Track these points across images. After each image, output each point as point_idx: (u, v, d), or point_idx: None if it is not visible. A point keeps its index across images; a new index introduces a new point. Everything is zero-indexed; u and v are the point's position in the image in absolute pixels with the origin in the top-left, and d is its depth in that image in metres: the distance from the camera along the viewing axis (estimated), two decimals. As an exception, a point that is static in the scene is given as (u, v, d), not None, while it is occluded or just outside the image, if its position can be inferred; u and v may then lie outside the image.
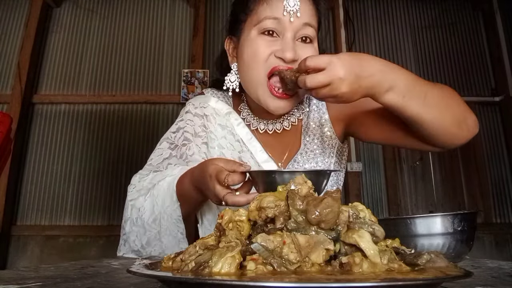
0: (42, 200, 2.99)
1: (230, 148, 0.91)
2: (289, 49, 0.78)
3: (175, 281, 0.38)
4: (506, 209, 3.06)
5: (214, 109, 0.95)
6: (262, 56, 0.80)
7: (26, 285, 0.42)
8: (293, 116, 0.93)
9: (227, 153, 0.91)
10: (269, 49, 0.80)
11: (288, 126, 0.92)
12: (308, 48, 0.82)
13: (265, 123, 0.92)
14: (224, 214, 0.49)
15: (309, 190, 0.50)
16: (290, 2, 0.79)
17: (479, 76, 3.32)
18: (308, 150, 0.92)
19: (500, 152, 3.16)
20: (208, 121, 0.94)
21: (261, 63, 0.80)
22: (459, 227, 0.60)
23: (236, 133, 0.92)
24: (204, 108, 0.96)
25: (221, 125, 0.93)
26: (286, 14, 0.79)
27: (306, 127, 0.94)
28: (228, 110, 0.94)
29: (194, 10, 3.34)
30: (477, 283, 0.43)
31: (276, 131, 0.91)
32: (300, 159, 0.92)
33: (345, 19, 3.26)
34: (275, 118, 0.91)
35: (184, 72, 3.16)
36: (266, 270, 0.38)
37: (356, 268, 0.38)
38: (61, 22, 3.34)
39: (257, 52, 0.80)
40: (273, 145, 0.92)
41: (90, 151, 3.09)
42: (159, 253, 0.85)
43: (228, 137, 0.92)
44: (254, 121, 0.93)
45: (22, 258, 2.87)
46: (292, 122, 0.92)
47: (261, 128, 0.92)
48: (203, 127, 0.95)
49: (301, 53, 0.79)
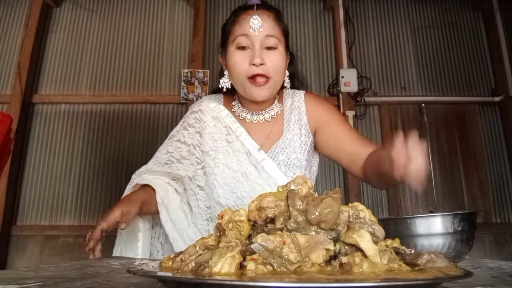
0: (42, 200, 2.98)
1: (218, 132, 1.15)
2: (257, 56, 1.03)
3: (175, 281, 0.38)
4: (506, 209, 3.06)
5: (207, 106, 1.20)
6: (238, 66, 1.05)
7: (26, 285, 0.42)
8: (273, 111, 1.16)
9: (216, 136, 1.15)
10: (244, 60, 1.04)
11: (269, 118, 1.15)
12: (273, 53, 1.05)
13: (251, 114, 1.16)
14: (224, 214, 0.49)
15: (309, 190, 0.50)
16: (255, 21, 1.04)
17: (479, 76, 3.32)
18: (287, 139, 1.13)
19: (500, 152, 3.16)
20: (202, 114, 1.19)
21: (240, 72, 1.05)
22: (459, 227, 0.60)
23: (223, 121, 1.16)
24: (200, 106, 1.22)
25: (212, 116, 1.18)
26: (252, 30, 1.04)
27: (288, 119, 1.16)
28: (218, 106, 1.19)
29: (194, 10, 3.34)
30: (477, 283, 0.43)
31: (259, 121, 1.15)
32: (282, 143, 1.13)
33: (345, 19, 3.25)
34: (259, 110, 1.15)
35: (184, 72, 3.16)
36: (266, 270, 0.38)
37: (356, 268, 0.38)
38: (61, 22, 3.34)
39: (235, 63, 1.06)
40: (257, 131, 1.15)
41: (90, 151, 3.09)
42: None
43: (217, 125, 1.16)
44: (243, 112, 1.17)
45: (22, 258, 2.87)
46: (272, 115, 1.16)
47: (248, 118, 1.16)
48: (196, 120, 1.20)
49: (267, 58, 1.03)
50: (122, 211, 0.99)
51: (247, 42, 1.05)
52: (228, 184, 1.09)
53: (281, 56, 1.07)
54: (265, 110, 1.16)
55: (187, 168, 1.16)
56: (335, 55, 3.28)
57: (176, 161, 1.17)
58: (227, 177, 1.10)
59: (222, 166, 1.11)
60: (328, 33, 3.38)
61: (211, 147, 1.14)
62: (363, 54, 3.33)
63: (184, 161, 1.17)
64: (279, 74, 1.07)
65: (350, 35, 3.29)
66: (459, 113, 3.20)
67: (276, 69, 1.05)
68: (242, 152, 1.11)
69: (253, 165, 1.10)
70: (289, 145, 1.12)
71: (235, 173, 1.10)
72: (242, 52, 1.05)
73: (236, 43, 1.06)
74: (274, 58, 1.05)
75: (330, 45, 3.34)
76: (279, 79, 1.08)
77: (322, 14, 3.43)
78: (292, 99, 1.19)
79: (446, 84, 3.28)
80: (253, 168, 1.09)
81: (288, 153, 1.11)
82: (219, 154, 1.12)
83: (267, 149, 1.12)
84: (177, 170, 1.16)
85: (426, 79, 3.30)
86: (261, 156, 1.10)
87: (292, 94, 1.20)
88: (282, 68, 1.08)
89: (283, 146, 1.12)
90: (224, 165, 1.11)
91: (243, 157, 1.11)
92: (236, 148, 1.12)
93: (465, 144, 3.12)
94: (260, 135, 1.14)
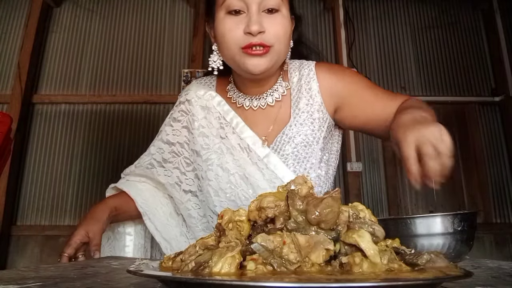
0: (42, 200, 2.98)
1: (210, 126, 0.95)
2: (254, 22, 0.79)
3: (175, 281, 0.38)
4: (506, 209, 3.06)
5: (196, 93, 0.99)
6: (230, 35, 0.82)
7: (26, 285, 0.42)
8: (277, 92, 0.94)
9: (207, 132, 0.95)
10: (236, 28, 0.82)
11: (272, 102, 0.93)
12: (275, 17, 0.83)
13: (250, 100, 0.94)
14: (224, 214, 0.49)
15: (309, 190, 0.50)
16: None
17: (479, 76, 3.32)
18: (297, 123, 0.92)
19: (500, 152, 3.16)
20: (190, 104, 0.99)
21: (231, 42, 0.83)
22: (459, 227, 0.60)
23: (216, 112, 0.95)
24: (187, 95, 1.01)
25: (202, 107, 0.97)
26: None
27: (296, 100, 0.93)
28: (208, 93, 0.97)
29: (194, 10, 3.34)
30: (477, 283, 0.43)
31: (260, 107, 0.93)
32: (289, 132, 0.91)
33: (345, 19, 3.25)
34: (259, 93, 0.94)
35: (184, 72, 3.16)
36: (266, 270, 0.38)
37: (356, 268, 0.38)
38: (61, 22, 3.34)
39: (225, 31, 0.83)
40: (258, 120, 0.94)
41: (90, 151, 3.09)
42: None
43: (208, 116, 0.96)
44: (240, 98, 0.95)
45: (22, 258, 2.86)
46: (276, 98, 0.93)
47: (246, 104, 0.94)
48: (182, 112, 1.00)
49: (268, 24, 0.81)
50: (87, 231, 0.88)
51: (240, 4, 0.82)
52: (224, 190, 0.91)
53: (284, 20, 0.84)
54: (266, 92, 0.93)
55: (168, 174, 1.00)
56: (335, 55, 3.28)
57: (158, 164, 1.02)
58: (223, 182, 0.91)
59: (216, 169, 0.92)
60: (328, 33, 3.37)
61: (201, 145, 0.94)
62: (363, 54, 3.33)
63: (166, 165, 1.01)
64: (282, 44, 0.85)
65: (350, 35, 3.29)
66: (459, 113, 3.20)
67: (278, 37, 0.83)
68: (240, 149, 0.91)
69: (254, 163, 0.89)
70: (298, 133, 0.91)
71: (231, 176, 0.91)
72: (234, 17, 0.83)
73: (225, 6, 0.83)
74: (276, 23, 0.83)
75: (330, 45, 3.34)
76: (282, 49, 0.85)
77: (322, 14, 3.43)
78: (300, 73, 0.95)
79: (446, 84, 3.28)
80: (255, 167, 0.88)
81: (297, 143, 0.90)
82: (212, 154, 0.93)
83: (271, 141, 0.92)
84: (157, 175, 1.01)
85: (426, 79, 3.30)
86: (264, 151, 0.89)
87: (300, 67, 0.96)
88: (286, 36, 0.85)
89: (291, 135, 0.91)
90: (218, 166, 0.92)
91: (241, 155, 0.90)
92: (232, 145, 0.92)
93: (465, 144, 3.12)
94: (262, 125, 0.93)
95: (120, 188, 1.05)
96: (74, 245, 0.87)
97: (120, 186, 1.05)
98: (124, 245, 1.04)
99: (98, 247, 0.89)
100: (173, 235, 1.02)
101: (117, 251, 1.04)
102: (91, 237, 0.89)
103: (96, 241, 0.89)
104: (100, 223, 0.91)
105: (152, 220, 1.00)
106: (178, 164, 1.00)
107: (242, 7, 0.82)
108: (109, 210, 0.96)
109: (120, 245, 1.04)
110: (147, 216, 1.00)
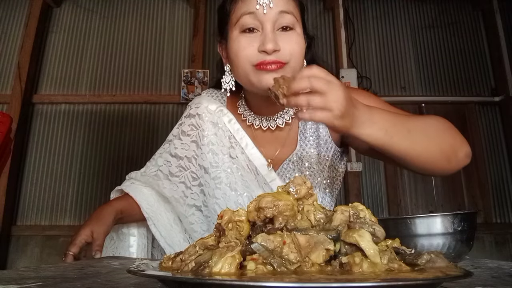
0: (42, 200, 2.98)
1: (220, 144, 0.94)
2: (269, 41, 0.78)
3: (175, 281, 0.38)
4: (506, 209, 3.06)
5: (207, 108, 0.97)
6: (244, 53, 0.81)
7: (26, 285, 0.42)
8: (287, 114, 0.93)
9: (217, 149, 0.94)
10: (251, 46, 0.80)
11: (282, 123, 0.92)
12: (290, 35, 0.82)
13: (260, 120, 0.93)
14: (224, 214, 0.49)
15: (307, 190, 0.50)
16: None
17: (479, 76, 3.32)
18: (303, 152, 0.92)
19: (500, 152, 3.16)
20: (200, 119, 0.98)
21: (245, 59, 0.81)
22: (459, 227, 0.60)
23: (227, 130, 0.94)
24: (197, 108, 0.99)
25: (213, 123, 0.96)
26: (259, 7, 0.80)
27: (303, 128, 0.94)
28: (219, 108, 0.96)
29: (194, 10, 3.34)
30: (477, 283, 0.43)
31: (270, 128, 0.92)
32: (296, 159, 0.91)
33: (345, 19, 3.25)
34: (270, 114, 0.93)
35: (184, 72, 3.16)
36: (266, 270, 0.38)
37: (356, 268, 0.38)
38: (61, 22, 3.34)
39: (239, 49, 0.81)
40: (266, 141, 0.93)
41: (90, 151, 3.09)
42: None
43: (218, 133, 0.95)
44: (250, 116, 0.94)
45: (22, 258, 2.86)
46: (286, 120, 0.92)
47: (256, 124, 0.93)
48: (192, 126, 0.99)
49: (283, 42, 0.80)
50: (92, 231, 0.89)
51: (255, 22, 0.81)
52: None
53: (299, 38, 0.83)
54: (277, 114, 0.92)
55: (174, 188, 0.99)
56: (335, 55, 3.28)
57: (164, 177, 1.01)
58: (230, 201, 0.90)
59: (225, 188, 0.91)
60: (328, 33, 3.37)
61: (210, 162, 0.94)
62: (363, 54, 3.33)
63: (172, 179, 1.00)
64: (297, 62, 0.82)
65: (350, 35, 3.29)
66: (459, 113, 3.20)
67: (294, 55, 0.81)
68: (249, 171, 0.90)
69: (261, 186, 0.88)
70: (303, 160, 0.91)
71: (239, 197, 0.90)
72: (248, 35, 0.81)
73: (240, 25, 0.82)
74: (291, 41, 0.81)
75: (330, 45, 3.34)
76: (296, 67, 0.82)
77: (322, 14, 3.43)
78: None
79: (446, 84, 3.28)
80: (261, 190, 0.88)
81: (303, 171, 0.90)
82: (221, 173, 0.92)
83: (277, 166, 0.92)
84: (163, 188, 1.00)
85: (426, 79, 3.30)
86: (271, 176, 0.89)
87: None
88: (301, 54, 0.83)
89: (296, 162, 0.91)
90: (226, 186, 0.91)
91: (250, 176, 0.90)
92: (242, 165, 0.91)
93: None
94: (270, 147, 0.93)
95: (126, 191, 1.05)
96: (79, 244, 0.87)
97: (126, 190, 1.05)
98: (128, 246, 1.05)
99: (100, 247, 0.89)
100: (176, 241, 1.02)
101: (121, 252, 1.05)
102: (94, 237, 0.89)
103: (99, 241, 0.89)
104: (106, 225, 0.92)
105: (156, 226, 1.01)
106: (185, 178, 0.99)
107: (256, 26, 0.81)
108: (115, 212, 0.96)
109: (125, 245, 1.05)
110: (152, 222, 1.01)
